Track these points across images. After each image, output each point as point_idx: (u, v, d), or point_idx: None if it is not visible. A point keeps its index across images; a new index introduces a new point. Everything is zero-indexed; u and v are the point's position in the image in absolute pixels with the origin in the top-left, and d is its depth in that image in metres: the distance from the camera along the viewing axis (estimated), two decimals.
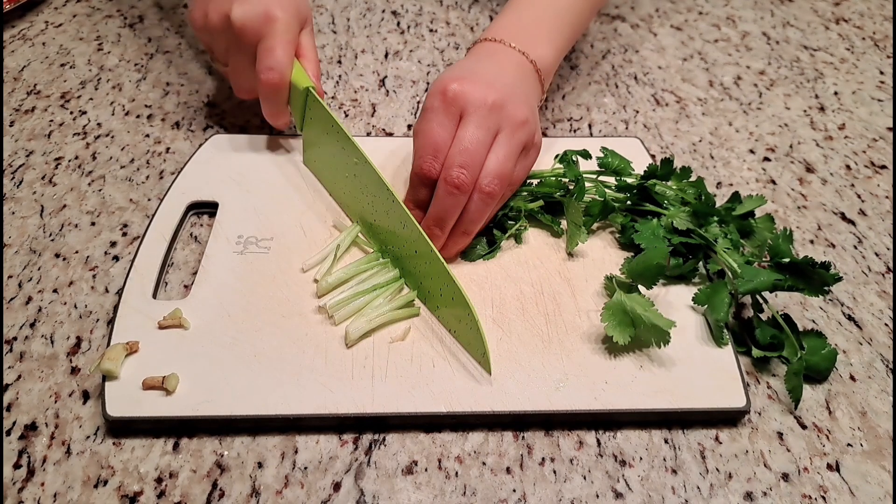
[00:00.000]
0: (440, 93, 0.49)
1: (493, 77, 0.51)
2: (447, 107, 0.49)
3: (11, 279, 0.52)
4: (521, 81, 0.54)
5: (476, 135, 0.48)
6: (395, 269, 0.50)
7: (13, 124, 0.65)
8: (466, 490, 0.42)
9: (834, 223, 0.59)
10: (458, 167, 0.47)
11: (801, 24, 0.85)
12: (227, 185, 0.57)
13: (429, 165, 0.49)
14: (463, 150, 0.48)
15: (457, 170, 0.47)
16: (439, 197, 0.49)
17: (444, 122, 0.49)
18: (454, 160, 0.48)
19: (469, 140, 0.48)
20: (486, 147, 0.49)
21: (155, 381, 0.43)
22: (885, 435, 0.45)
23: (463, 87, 0.49)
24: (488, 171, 0.48)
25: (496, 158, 0.49)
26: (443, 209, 0.49)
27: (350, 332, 0.46)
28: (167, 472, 0.42)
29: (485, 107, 0.49)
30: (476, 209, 0.49)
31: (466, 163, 0.48)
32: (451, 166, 0.48)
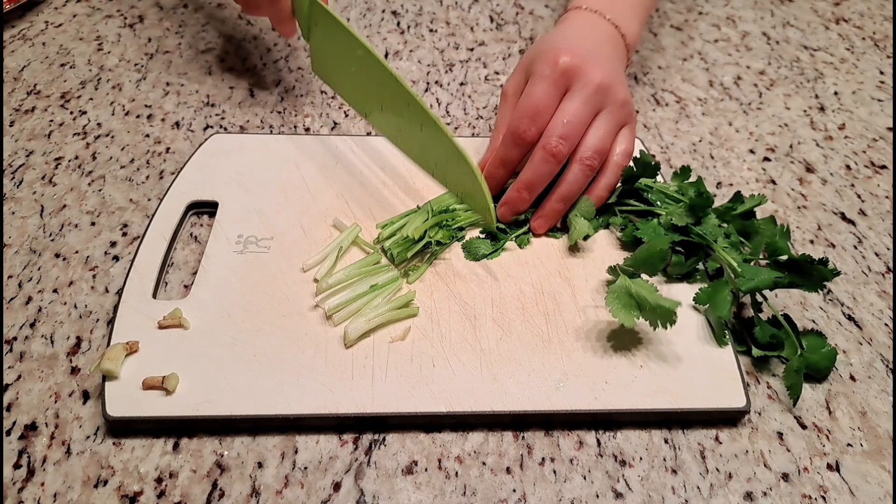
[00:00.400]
0: (552, 62, 0.51)
1: (597, 53, 0.53)
2: (557, 77, 0.51)
3: (11, 279, 0.52)
4: (618, 59, 0.56)
5: (581, 109, 0.50)
6: (394, 271, 0.50)
7: (13, 124, 0.65)
8: (466, 490, 0.42)
9: (834, 223, 0.59)
10: (559, 137, 0.49)
11: (801, 24, 0.85)
12: (226, 184, 0.57)
13: (526, 127, 0.50)
14: (566, 123, 0.50)
15: (556, 139, 0.49)
16: (534, 162, 0.50)
17: (550, 91, 0.51)
18: (555, 129, 0.49)
19: (574, 113, 0.50)
20: (587, 123, 0.51)
21: (155, 381, 0.43)
22: (885, 435, 0.45)
23: (575, 62, 0.50)
24: (588, 146, 0.50)
25: (596, 133, 0.51)
26: (535, 175, 0.51)
27: (349, 333, 0.46)
28: (167, 472, 0.42)
29: (592, 84, 0.50)
30: (574, 180, 0.51)
31: (567, 134, 0.49)
32: (551, 134, 0.49)
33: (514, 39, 0.80)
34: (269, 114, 0.68)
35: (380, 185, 0.58)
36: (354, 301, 0.48)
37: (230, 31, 0.78)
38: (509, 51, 0.78)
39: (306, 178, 0.59)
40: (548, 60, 0.51)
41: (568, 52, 0.51)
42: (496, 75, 0.74)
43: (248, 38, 0.77)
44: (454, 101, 0.70)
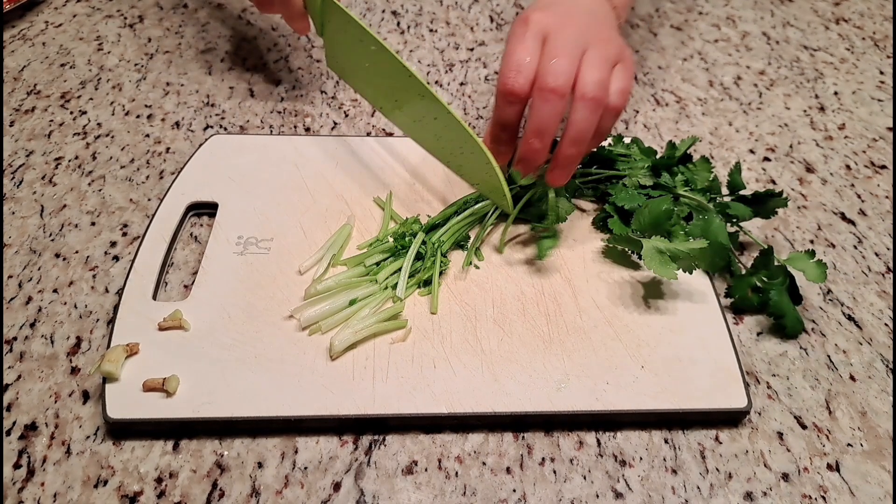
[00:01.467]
0: (522, 21, 0.49)
1: (571, 9, 0.51)
2: (530, 31, 0.49)
3: (11, 279, 0.52)
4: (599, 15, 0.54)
5: (566, 46, 0.48)
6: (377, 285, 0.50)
7: (13, 124, 0.65)
8: (466, 490, 0.42)
9: (834, 223, 0.59)
10: (552, 74, 0.47)
11: (801, 24, 0.85)
12: (226, 185, 0.57)
13: (513, 79, 0.47)
14: (555, 61, 0.47)
15: (550, 76, 0.46)
16: (535, 107, 0.47)
17: (527, 43, 0.48)
18: (545, 69, 0.47)
19: (559, 50, 0.47)
20: (577, 58, 0.48)
21: (155, 383, 0.43)
22: (885, 435, 0.45)
23: (545, 14, 0.49)
24: (585, 80, 0.47)
25: (590, 66, 0.48)
26: (540, 118, 0.47)
27: (335, 344, 0.45)
28: (167, 472, 0.42)
29: (570, 28, 0.49)
30: (582, 118, 0.47)
31: (559, 69, 0.47)
32: (543, 76, 0.47)
33: None
34: (269, 114, 0.67)
35: (380, 186, 0.58)
36: (332, 315, 0.47)
37: (230, 31, 0.78)
38: None
39: (306, 178, 0.59)
40: (519, 21, 0.50)
41: (538, 10, 0.50)
42: (496, 75, 0.74)
43: (248, 38, 0.77)
44: (454, 101, 0.70)
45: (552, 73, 0.47)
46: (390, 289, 0.49)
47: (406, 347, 0.46)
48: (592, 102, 0.47)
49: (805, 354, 0.49)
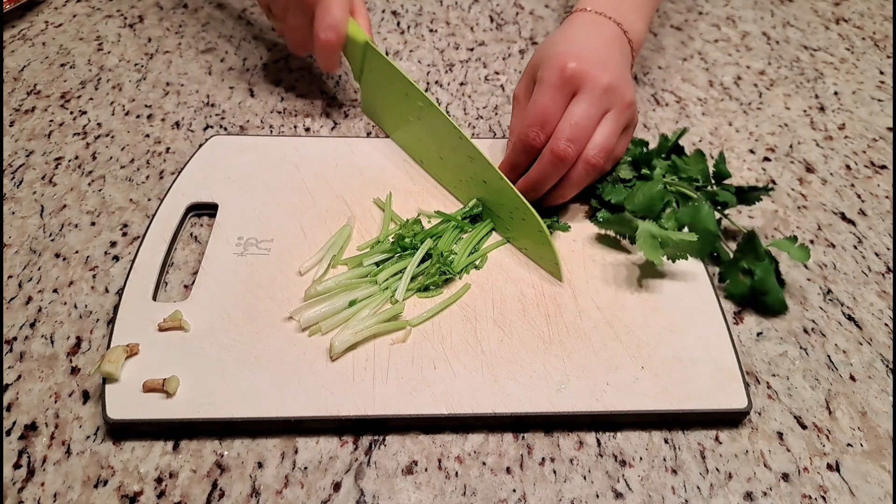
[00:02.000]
0: (559, 68, 0.51)
1: (604, 56, 0.54)
2: (564, 83, 0.51)
3: (11, 279, 0.52)
4: (624, 60, 0.57)
5: (588, 112, 0.51)
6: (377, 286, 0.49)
7: (13, 124, 0.65)
8: (466, 490, 0.42)
9: (834, 223, 0.59)
10: (567, 140, 0.50)
11: (801, 24, 0.85)
12: (226, 186, 0.57)
13: (535, 134, 0.52)
14: (574, 125, 0.51)
15: (564, 142, 0.50)
16: (543, 164, 0.51)
17: (556, 98, 0.52)
18: (563, 133, 0.51)
19: (581, 116, 0.51)
20: (595, 124, 0.52)
21: (155, 384, 0.43)
22: (885, 435, 0.45)
23: (581, 67, 0.51)
24: (595, 144, 0.51)
25: (603, 134, 0.52)
26: (543, 176, 0.52)
27: (335, 345, 0.45)
28: (167, 472, 0.42)
29: (600, 87, 0.51)
30: (578, 178, 0.53)
31: (575, 137, 0.50)
32: (559, 138, 0.50)
33: (514, 39, 0.80)
34: (269, 114, 0.67)
35: (380, 186, 0.58)
36: (332, 316, 0.47)
37: (230, 31, 0.78)
38: (509, 51, 0.78)
39: (306, 179, 0.58)
40: (554, 66, 0.52)
41: (574, 57, 0.51)
42: (496, 75, 0.74)
43: (248, 38, 0.77)
44: (454, 101, 0.70)
45: (568, 139, 0.51)
46: (390, 290, 0.49)
47: (406, 348, 0.46)
48: (592, 168, 0.52)
49: (805, 354, 0.49)
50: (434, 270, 0.49)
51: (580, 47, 0.53)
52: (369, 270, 0.51)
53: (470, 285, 0.50)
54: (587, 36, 0.56)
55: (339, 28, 0.59)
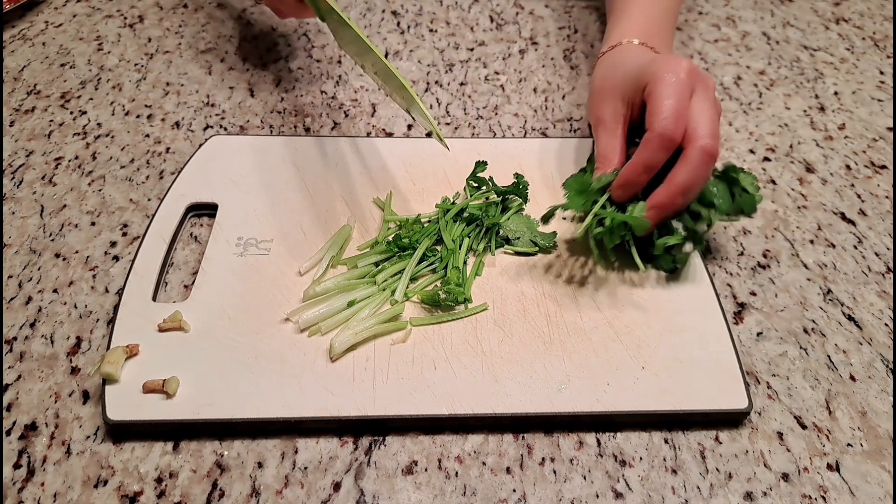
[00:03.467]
0: (676, 70, 0.52)
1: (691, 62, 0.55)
2: (685, 80, 0.52)
3: (11, 279, 0.52)
4: None
5: (712, 109, 0.52)
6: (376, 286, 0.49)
7: (13, 124, 0.65)
8: (466, 490, 0.42)
9: (834, 223, 0.59)
10: (711, 136, 0.50)
11: (801, 24, 0.85)
12: (226, 186, 0.57)
13: (674, 129, 0.50)
14: (711, 120, 0.50)
15: (710, 139, 0.50)
16: (694, 165, 0.49)
17: (685, 93, 0.51)
18: (706, 128, 0.50)
19: (710, 113, 0.51)
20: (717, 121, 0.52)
21: (155, 385, 0.43)
22: (885, 435, 0.45)
23: (692, 67, 0.53)
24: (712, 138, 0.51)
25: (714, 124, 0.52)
26: (694, 176, 0.49)
27: (335, 346, 0.45)
28: (167, 472, 0.42)
29: (712, 86, 0.53)
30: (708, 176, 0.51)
31: (715, 132, 0.50)
32: (704, 135, 0.49)
33: (514, 39, 0.80)
34: (269, 114, 0.67)
35: (380, 186, 0.58)
36: (331, 317, 0.47)
37: (230, 31, 0.78)
38: (509, 51, 0.78)
39: (306, 179, 0.58)
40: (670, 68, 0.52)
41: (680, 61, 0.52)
42: (496, 75, 0.74)
43: (248, 38, 0.77)
44: (454, 101, 0.70)
45: (711, 135, 0.50)
46: (389, 290, 0.49)
47: (406, 348, 0.46)
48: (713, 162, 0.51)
49: (805, 354, 0.49)
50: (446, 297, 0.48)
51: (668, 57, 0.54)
52: (368, 271, 0.51)
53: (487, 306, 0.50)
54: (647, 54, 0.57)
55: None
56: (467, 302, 0.49)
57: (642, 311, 0.49)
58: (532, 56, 0.77)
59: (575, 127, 0.68)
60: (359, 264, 0.51)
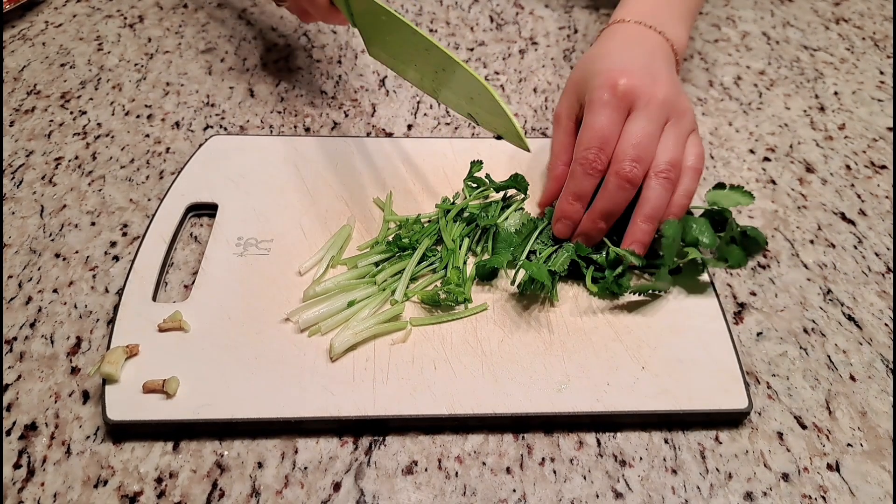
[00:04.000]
0: (610, 87, 0.50)
1: (652, 68, 0.52)
2: (617, 102, 0.50)
3: (11, 279, 0.52)
4: (670, 68, 0.55)
5: (647, 128, 0.49)
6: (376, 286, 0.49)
7: (13, 124, 0.65)
8: (466, 490, 0.42)
9: (834, 223, 0.59)
10: (631, 160, 0.48)
11: (801, 24, 0.85)
12: (226, 186, 0.57)
13: (594, 156, 0.49)
14: (636, 144, 0.48)
15: (629, 163, 0.48)
16: (609, 191, 0.49)
17: (612, 117, 0.49)
18: (626, 154, 0.48)
19: (641, 134, 0.49)
20: (657, 140, 0.50)
21: (155, 385, 0.43)
22: (885, 435, 0.45)
23: (633, 82, 0.50)
24: (662, 160, 0.49)
25: (666, 147, 0.50)
26: (612, 203, 0.49)
27: (335, 346, 0.45)
28: (167, 472, 0.42)
29: (656, 101, 0.50)
30: (656, 196, 0.49)
31: (639, 156, 0.48)
32: (623, 160, 0.48)
33: (514, 39, 0.80)
34: (269, 114, 0.67)
35: (380, 186, 0.58)
36: (331, 317, 0.47)
37: (230, 31, 0.78)
38: (509, 51, 0.78)
39: (306, 179, 0.58)
40: (605, 85, 0.50)
41: (623, 73, 0.50)
42: (496, 75, 0.74)
43: (248, 38, 0.77)
44: None
45: (632, 159, 0.48)
46: (389, 290, 0.49)
47: (406, 348, 0.46)
48: (667, 181, 0.49)
49: (805, 354, 0.49)
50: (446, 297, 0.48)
51: (627, 62, 0.52)
52: (368, 271, 0.51)
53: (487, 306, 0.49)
54: (631, 48, 0.54)
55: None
56: (467, 302, 0.49)
57: (642, 311, 0.49)
58: (532, 56, 0.77)
59: None
60: (359, 264, 0.51)
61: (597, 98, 0.50)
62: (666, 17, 0.58)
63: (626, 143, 0.49)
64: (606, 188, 0.49)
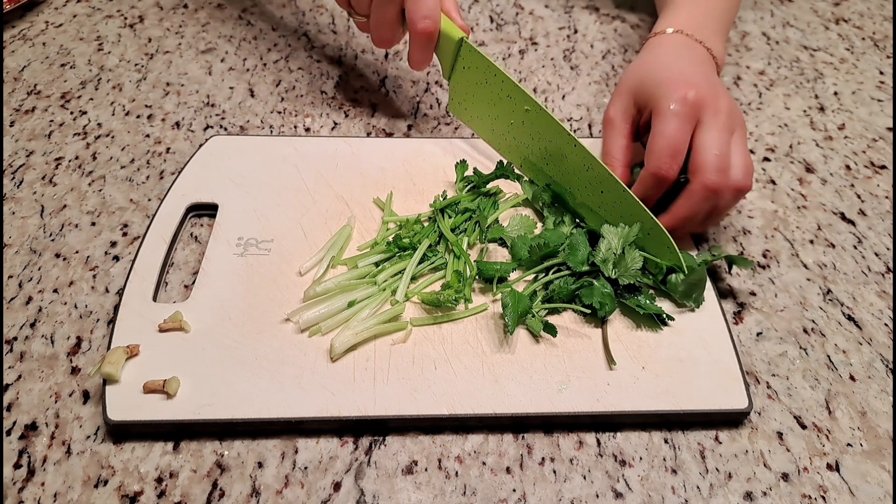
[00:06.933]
0: (680, 98, 0.51)
1: (711, 80, 0.54)
2: (688, 112, 0.51)
3: (11, 279, 0.52)
4: (719, 79, 0.56)
5: (723, 139, 0.50)
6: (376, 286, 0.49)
7: (13, 124, 0.65)
8: (466, 490, 0.42)
9: (834, 223, 0.59)
10: (717, 171, 0.49)
11: (801, 24, 0.85)
12: (226, 186, 0.57)
13: (667, 167, 0.50)
14: (717, 156, 0.49)
15: (716, 175, 0.49)
16: (695, 200, 0.50)
17: (683, 127, 0.50)
18: (711, 165, 0.49)
19: (720, 144, 0.50)
20: (730, 150, 0.51)
21: (156, 385, 0.43)
22: (885, 435, 0.45)
23: (701, 93, 0.51)
24: (738, 168, 0.50)
25: (741, 157, 0.51)
26: (695, 211, 0.50)
27: (335, 346, 0.45)
28: (167, 472, 0.42)
29: (724, 112, 0.51)
30: (727, 206, 0.51)
31: (722, 167, 0.49)
32: (709, 170, 0.49)
33: (514, 39, 0.80)
34: (269, 114, 0.68)
35: (380, 186, 0.58)
36: (331, 317, 0.47)
37: (230, 31, 0.78)
38: (509, 51, 0.78)
39: (306, 179, 0.58)
40: (674, 95, 0.51)
41: (689, 85, 0.51)
42: None
43: (248, 38, 0.77)
44: None
45: (718, 170, 0.49)
46: (389, 290, 0.49)
47: (407, 349, 0.46)
48: (741, 193, 0.50)
49: (805, 354, 0.49)
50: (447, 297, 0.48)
51: (688, 73, 0.53)
52: (369, 271, 0.51)
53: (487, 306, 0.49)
54: (684, 59, 0.56)
55: (435, 16, 0.56)
56: (467, 302, 0.49)
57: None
58: (532, 56, 0.77)
59: (575, 127, 0.68)
60: (359, 264, 0.51)
61: (666, 107, 0.51)
62: (708, 29, 0.59)
63: (709, 153, 0.49)
64: (691, 197, 0.50)
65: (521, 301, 0.47)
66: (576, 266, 0.49)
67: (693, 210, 0.50)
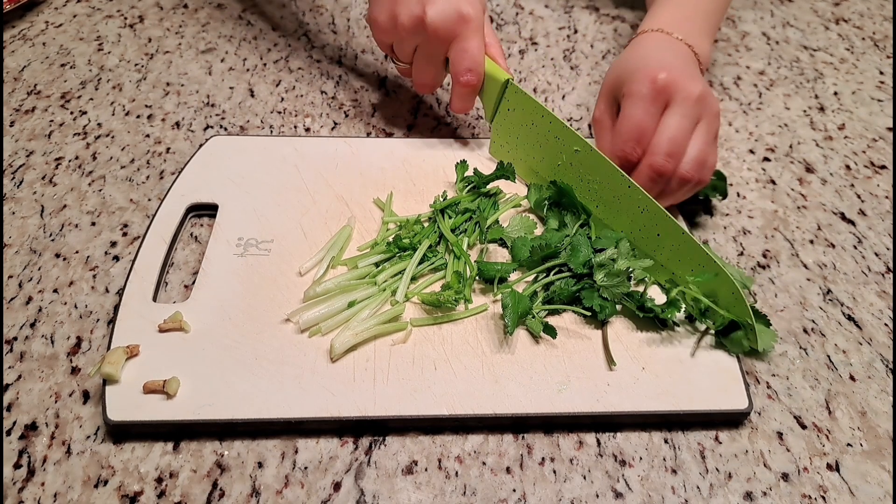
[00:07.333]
0: (650, 80, 0.51)
1: (688, 68, 0.53)
2: (656, 95, 0.51)
3: (11, 279, 0.52)
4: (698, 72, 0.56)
5: (683, 124, 0.50)
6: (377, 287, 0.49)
7: (13, 124, 0.65)
8: (466, 490, 0.42)
9: (834, 223, 0.59)
10: (666, 154, 0.49)
11: (801, 24, 0.85)
12: (226, 186, 0.57)
13: (631, 149, 0.51)
14: (671, 139, 0.49)
15: (664, 157, 0.49)
16: (641, 180, 0.50)
17: (650, 110, 0.51)
18: (661, 147, 0.49)
19: (677, 129, 0.50)
20: (689, 136, 0.51)
21: (156, 385, 0.43)
22: (885, 435, 0.45)
23: (672, 77, 0.51)
24: (690, 158, 0.50)
25: (697, 146, 0.51)
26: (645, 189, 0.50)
27: (335, 346, 0.45)
28: (167, 472, 0.42)
29: (692, 98, 0.51)
30: (671, 193, 0.52)
31: (673, 151, 0.49)
32: (658, 153, 0.49)
33: (514, 39, 0.80)
34: (269, 114, 0.67)
35: (380, 187, 0.58)
36: (331, 318, 0.47)
37: (230, 31, 0.78)
38: (509, 51, 0.78)
39: (306, 179, 0.58)
40: (644, 79, 0.51)
41: (662, 69, 0.51)
42: None
43: (248, 38, 0.77)
44: None
45: (667, 153, 0.49)
46: (389, 291, 0.49)
47: (407, 349, 0.46)
48: (688, 182, 0.51)
49: (805, 354, 0.49)
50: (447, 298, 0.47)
51: (665, 61, 0.53)
52: (369, 271, 0.51)
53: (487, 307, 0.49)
54: (664, 52, 0.56)
55: (479, 69, 0.56)
56: (467, 303, 0.49)
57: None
58: (532, 56, 0.77)
59: (575, 127, 0.68)
60: (359, 265, 0.51)
61: (636, 91, 0.51)
62: (691, 29, 0.59)
63: (663, 135, 0.50)
64: (639, 176, 0.50)
65: (522, 302, 0.47)
66: (577, 267, 0.49)
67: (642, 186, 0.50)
